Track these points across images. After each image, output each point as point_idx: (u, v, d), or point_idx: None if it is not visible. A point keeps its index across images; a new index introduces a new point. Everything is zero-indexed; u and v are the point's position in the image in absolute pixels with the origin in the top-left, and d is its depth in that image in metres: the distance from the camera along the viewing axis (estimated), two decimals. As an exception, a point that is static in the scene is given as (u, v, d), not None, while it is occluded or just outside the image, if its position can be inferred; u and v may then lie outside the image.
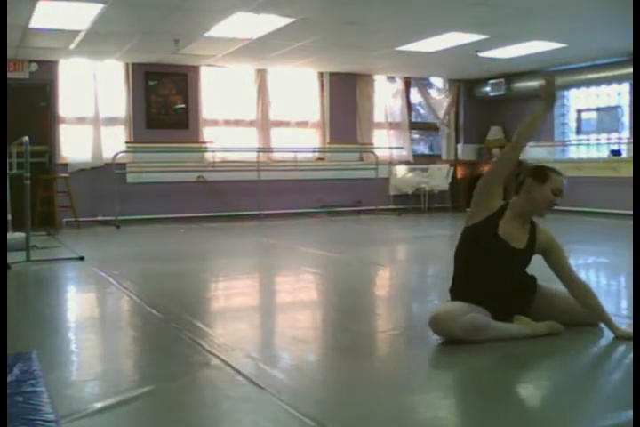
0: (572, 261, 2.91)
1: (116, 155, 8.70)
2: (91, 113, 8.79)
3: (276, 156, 9.80)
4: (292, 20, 6.48)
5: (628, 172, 8.46)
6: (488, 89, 10.57)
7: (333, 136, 10.17)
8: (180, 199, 9.07)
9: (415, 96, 10.99)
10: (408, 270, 5.44)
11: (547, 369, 2.58)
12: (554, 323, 2.93)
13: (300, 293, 4.36)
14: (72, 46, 7.60)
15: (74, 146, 8.76)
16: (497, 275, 2.90)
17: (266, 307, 4.05)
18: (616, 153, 9.25)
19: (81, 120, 8.78)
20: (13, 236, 5.84)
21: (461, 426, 2.12)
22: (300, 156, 9.88)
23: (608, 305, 3.75)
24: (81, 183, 8.55)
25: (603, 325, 2.94)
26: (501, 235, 2.90)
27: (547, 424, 2.04)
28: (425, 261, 5.86)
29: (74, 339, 3.16)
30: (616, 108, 9.38)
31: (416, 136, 11.44)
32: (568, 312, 2.99)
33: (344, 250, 6.22)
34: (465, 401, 2.29)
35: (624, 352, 2.71)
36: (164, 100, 9.17)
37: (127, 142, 8.96)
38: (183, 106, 9.28)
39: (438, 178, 10.58)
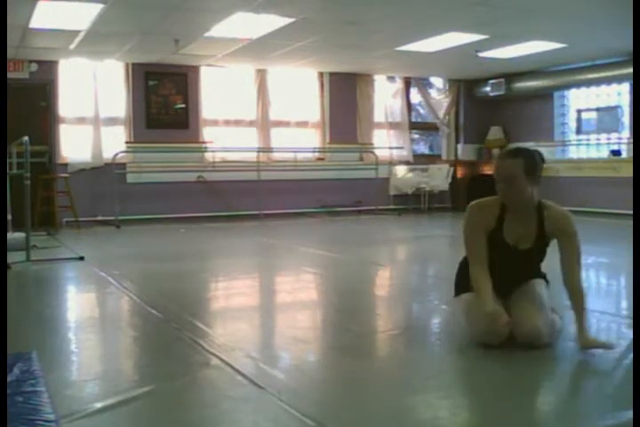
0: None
1: (116, 155, 8.70)
2: (91, 113, 8.79)
3: (276, 156, 9.79)
4: (292, 20, 6.48)
5: (628, 172, 8.46)
6: (488, 89, 10.57)
7: (333, 136, 10.17)
8: (180, 199, 9.07)
9: (415, 96, 10.98)
10: (408, 270, 5.44)
11: (546, 369, 2.58)
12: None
13: (299, 293, 4.36)
14: (72, 46, 7.60)
15: (74, 146, 8.76)
16: (511, 273, 2.84)
17: (266, 307, 4.05)
18: (616, 153, 9.25)
19: (81, 120, 8.78)
20: (13, 236, 5.83)
21: (461, 426, 2.12)
22: (300, 156, 9.88)
23: (608, 305, 3.77)
24: (81, 183, 8.55)
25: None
26: (509, 241, 2.79)
27: (547, 424, 2.04)
28: (425, 261, 5.86)
29: (74, 339, 3.16)
30: (616, 108, 9.37)
31: (416, 136, 11.44)
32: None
33: (344, 250, 6.22)
34: (465, 401, 2.29)
35: (624, 352, 2.71)
36: (163, 100, 9.17)
37: (127, 142, 8.96)
38: (183, 106, 9.27)
39: (438, 178, 10.58)
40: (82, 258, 5.42)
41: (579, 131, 9.98)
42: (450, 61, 9.05)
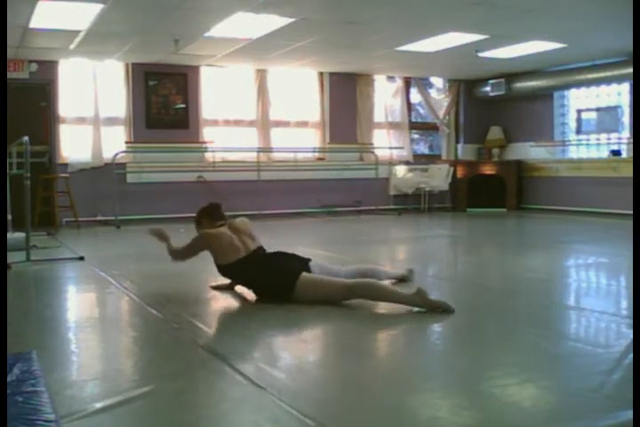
0: (572, 261, 2.91)
1: (116, 155, 8.70)
2: (91, 113, 8.79)
3: (276, 156, 9.79)
4: (292, 20, 6.48)
5: (628, 172, 8.47)
6: (488, 89, 10.57)
7: (333, 136, 10.17)
8: (180, 199, 9.05)
9: (415, 96, 10.98)
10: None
11: (546, 370, 2.58)
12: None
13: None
14: (72, 46, 7.60)
15: (74, 146, 8.76)
16: None
17: (265, 307, 4.04)
18: (616, 153, 9.25)
19: (81, 120, 8.78)
20: (13, 236, 5.83)
21: (461, 426, 2.12)
22: (300, 156, 9.88)
23: (608, 305, 3.78)
24: (81, 183, 8.55)
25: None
26: None
27: (547, 424, 2.04)
28: (425, 261, 5.85)
29: (74, 339, 3.16)
30: (616, 108, 9.38)
31: (416, 136, 11.44)
32: None
33: (344, 250, 6.21)
34: (465, 401, 2.29)
35: (624, 352, 2.71)
36: (163, 100, 9.17)
37: (127, 142, 8.96)
38: (183, 106, 9.28)
39: (438, 178, 10.58)
40: (82, 258, 5.42)
41: (579, 131, 9.99)
42: (450, 61, 9.05)
